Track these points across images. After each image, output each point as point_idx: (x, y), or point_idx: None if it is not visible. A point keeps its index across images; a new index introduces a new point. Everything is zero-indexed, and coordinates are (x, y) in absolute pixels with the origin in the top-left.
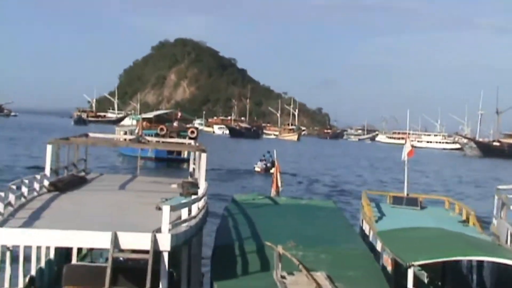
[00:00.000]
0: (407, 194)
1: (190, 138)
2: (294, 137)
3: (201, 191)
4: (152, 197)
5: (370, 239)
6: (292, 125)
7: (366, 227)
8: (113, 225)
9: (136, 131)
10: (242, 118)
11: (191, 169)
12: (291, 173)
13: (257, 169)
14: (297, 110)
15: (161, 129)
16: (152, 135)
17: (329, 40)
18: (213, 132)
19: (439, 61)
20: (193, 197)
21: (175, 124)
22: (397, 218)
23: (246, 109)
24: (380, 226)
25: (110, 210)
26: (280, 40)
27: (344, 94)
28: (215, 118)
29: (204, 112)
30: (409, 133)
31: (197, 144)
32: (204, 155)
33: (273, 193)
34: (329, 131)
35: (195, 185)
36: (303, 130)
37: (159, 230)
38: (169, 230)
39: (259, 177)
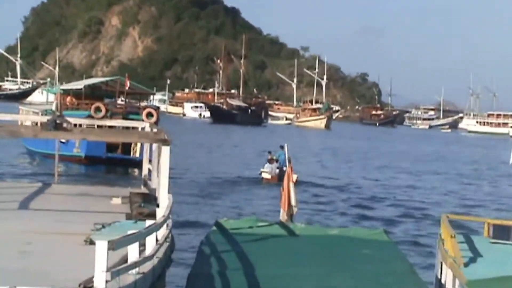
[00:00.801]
0: None
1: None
2: (320, 122)
3: (161, 211)
4: (79, 223)
5: None
6: (317, 102)
7: (447, 274)
8: (11, 274)
9: (53, 108)
10: (233, 91)
11: (145, 173)
12: (315, 184)
13: (265, 175)
14: (325, 78)
15: (97, 109)
16: (81, 119)
17: None
18: (183, 114)
19: None
20: (148, 222)
21: (120, 100)
22: (500, 260)
23: (239, 75)
24: (472, 272)
25: (6, 246)
26: None
27: (405, 51)
28: (187, 91)
29: (168, 81)
30: None
31: (155, 131)
32: (166, 150)
33: (282, 216)
34: (379, 112)
35: (151, 199)
36: (336, 111)
37: (89, 283)
38: (107, 281)
39: (268, 190)
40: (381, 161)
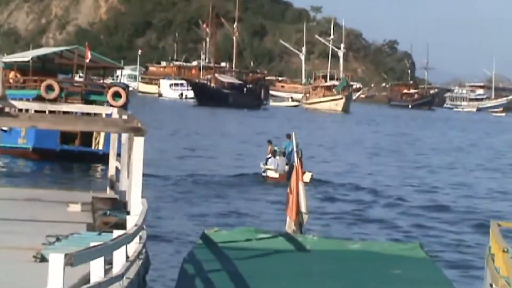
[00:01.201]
0: None
1: (112, 107)
2: (336, 104)
3: (133, 220)
4: (27, 235)
5: None
6: (332, 78)
7: None
8: None
9: None
10: (224, 65)
11: (111, 172)
12: (332, 184)
13: (271, 173)
14: (342, 46)
15: (48, 88)
16: (29, 100)
17: None
18: (159, 94)
19: None
20: (116, 233)
21: (78, 77)
22: None
23: (231, 44)
24: None
25: None
26: None
27: (445, 11)
28: (164, 64)
29: (140, 52)
30: None
31: (125, 117)
32: (139, 142)
33: (289, 226)
34: (413, 91)
35: (120, 205)
36: (357, 90)
37: None
38: None
39: (271, 192)
40: (416, 154)
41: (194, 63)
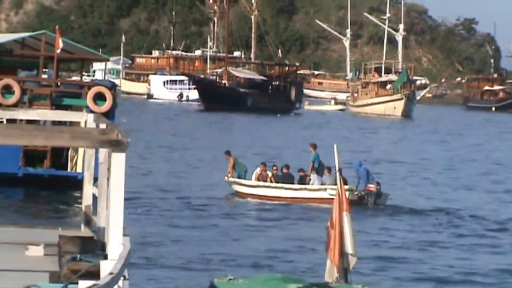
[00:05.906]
0: None
1: (92, 113)
2: (393, 106)
3: (109, 266)
4: None
5: None
6: (388, 72)
7: None
8: None
9: None
10: (238, 54)
11: (87, 202)
12: (398, 208)
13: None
14: (401, 28)
15: (5, 89)
16: None
17: None
18: (149, 95)
19: None
20: (84, 285)
21: (45, 74)
22: None
23: (249, 26)
24: None
25: None
26: None
27: None
28: (156, 54)
29: (123, 38)
30: None
31: (102, 126)
32: (119, 159)
33: (330, 272)
34: (497, 88)
35: (97, 247)
36: (423, 87)
37: None
38: None
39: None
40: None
41: (198, 52)
